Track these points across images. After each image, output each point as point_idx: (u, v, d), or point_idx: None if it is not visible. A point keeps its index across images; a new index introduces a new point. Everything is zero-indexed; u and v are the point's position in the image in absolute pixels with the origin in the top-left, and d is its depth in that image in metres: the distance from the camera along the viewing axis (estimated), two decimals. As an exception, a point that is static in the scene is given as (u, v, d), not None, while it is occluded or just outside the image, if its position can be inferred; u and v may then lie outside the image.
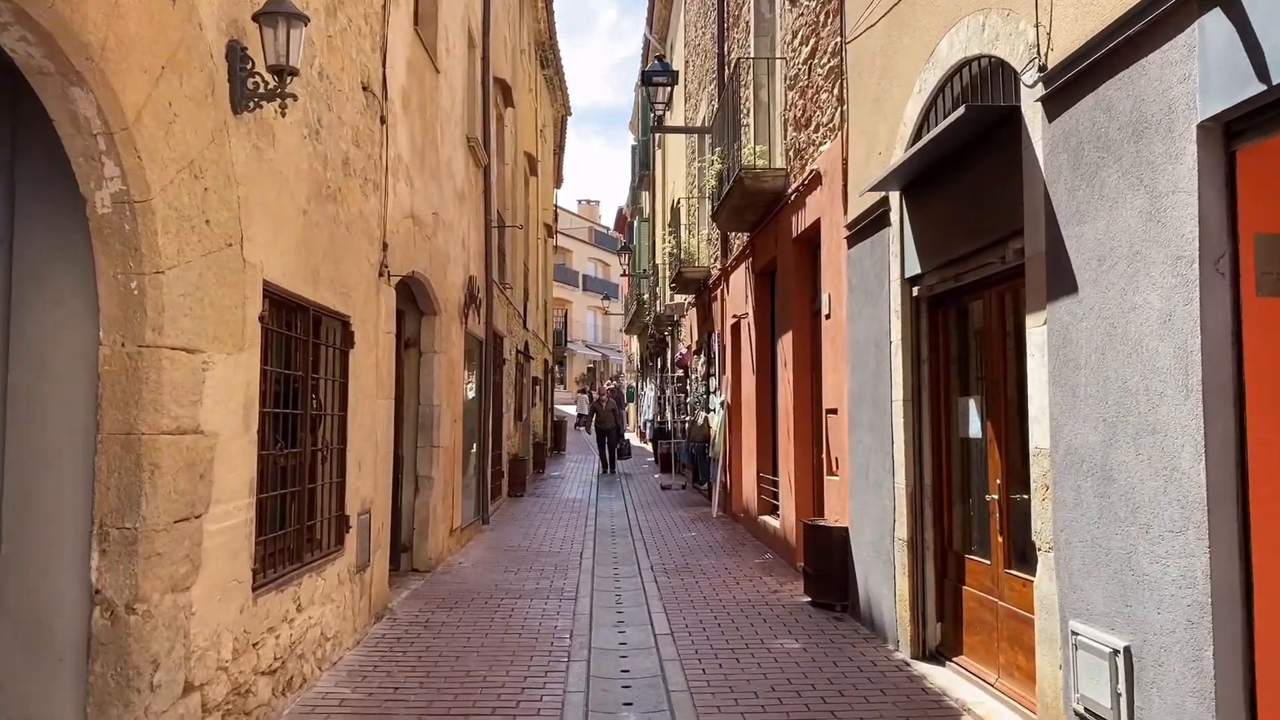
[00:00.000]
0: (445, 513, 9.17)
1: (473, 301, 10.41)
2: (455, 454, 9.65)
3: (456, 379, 9.70)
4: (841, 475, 7.23)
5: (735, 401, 12.35)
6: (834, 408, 7.45)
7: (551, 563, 9.20)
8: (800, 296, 8.86)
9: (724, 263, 12.79)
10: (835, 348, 7.41)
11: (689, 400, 16.84)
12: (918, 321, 5.91)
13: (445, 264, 9.09)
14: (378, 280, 6.65)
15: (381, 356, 6.78)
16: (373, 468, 6.57)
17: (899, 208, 5.96)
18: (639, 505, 14.23)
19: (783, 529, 9.29)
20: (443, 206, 9.01)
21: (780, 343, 9.47)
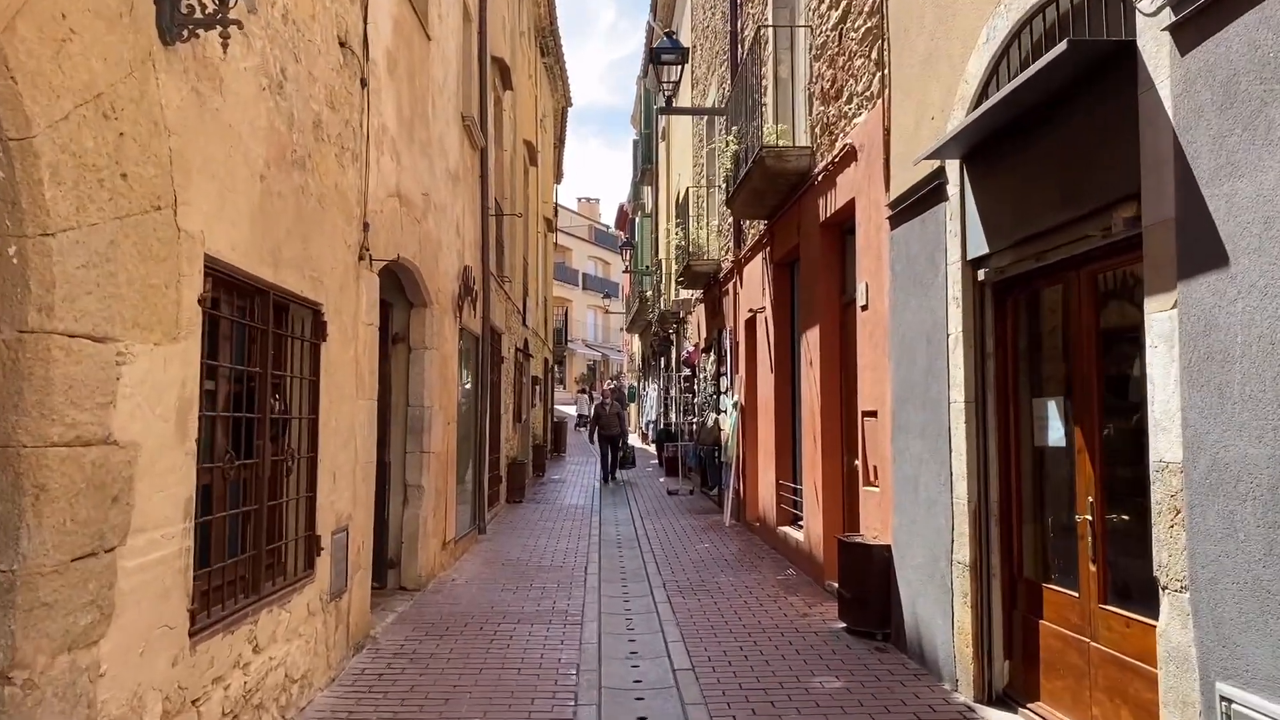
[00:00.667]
0: (437, 525, 8.35)
1: (468, 294, 9.59)
2: (449, 460, 8.83)
3: (450, 378, 8.88)
4: (882, 486, 6.41)
5: (750, 403, 11.54)
6: (873, 410, 6.63)
7: (554, 579, 8.38)
8: (828, 287, 8.04)
9: (737, 254, 11.98)
10: (874, 343, 6.59)
11: (697, 401, 16.03)
12: (981, 310, 5.09)
13: (437, 251, 8.27)
14: (357, 265, 5.83)
15: (362, 351, 5.96)
16: (351, 478, 5.75)
17: (959, 179, 5.14)
18: (645, 512, 13.41)
19: (807, 542, 8.47)
20: (434, 188, 8.18)
21: (804, 339, 8.66)
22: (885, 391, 6.33)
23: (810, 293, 8.41)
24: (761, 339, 10.60)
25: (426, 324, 8.08)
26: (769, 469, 10.18)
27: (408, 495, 7.98)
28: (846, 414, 7.88)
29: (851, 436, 7.70)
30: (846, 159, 7.22)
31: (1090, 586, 4.20)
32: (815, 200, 8.17)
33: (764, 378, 10.49)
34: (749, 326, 11.57)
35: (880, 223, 6.47)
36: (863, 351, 6.87)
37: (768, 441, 10.26)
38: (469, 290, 9.63)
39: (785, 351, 9.91)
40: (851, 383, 7.67)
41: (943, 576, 5.34)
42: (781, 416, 9.89)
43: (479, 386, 10.70)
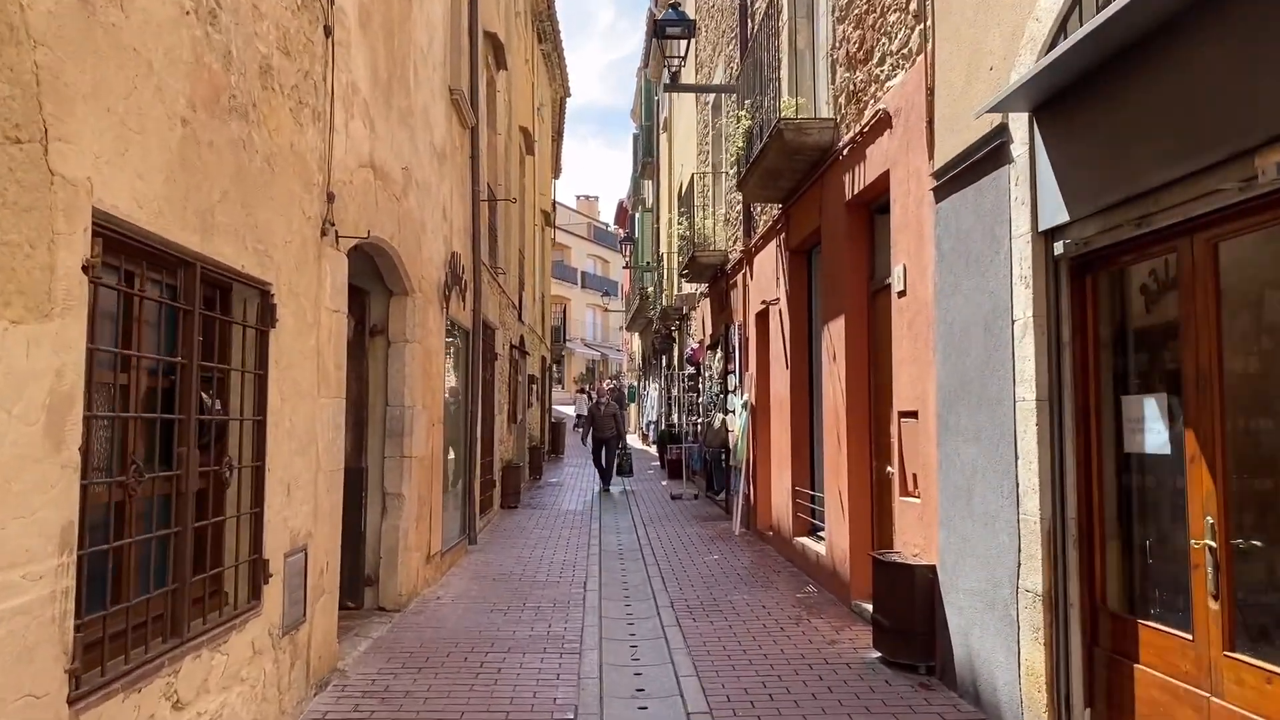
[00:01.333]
0: (420, 538, 7.54)
1: (456, 283, 8.78)
2: (434, 465, 8.01)
3: (435, 375, 8.07)
4: (925, 497, 5.60)
5: (762, 402, 10.72)
6: (911, 410, 5.82)
7: (549, 597, 7.57)
8: (855, 273, 7.23)
9: (747, 243, 11.16)
10: (914, 333, 5.78)
11: (702, 401, 15.22)
12: (1056, 291, 4.28)
13: (420, 233, 7.45)
14: (319, 241, 5.01)
15: (326, 342, 5.14)
16: (312, 490, 4.93)
17: (1028, 136, 4.33)
18: (648, 519, 12.60)
19: (830, 557, 7.66)
20: (417, 163, 7.37)
21: (825, 331, 7.85)
22: (928, 389, 5.52)
23: (833, 280, 7.60)
24: (775, 333, 9.78)
25: (408, 314, 7.26)
26: (784, 474, 9.37)
27: (386, 505, 7.16)
28: (876, 414, 7.07)
29: (882, 439, 6.89)
30: (879, 127, 6.41)
31: (1210, 628, 3.39)
32: (839, 177, 7.36)
33: (778, 375, 9.68)
34: (760, 320, 10.76)
35: (921, 195, 5.66)
36: (899, 344, 6.06)
37: (782, 444, 9.45)
38: (457, 279, 8.81)
39: (802, 346, 9.10)
40: (883, 379, 6.86)
41: (1005, 605, 4.53)
42: (798, 417, 9.08)
43: (469, 385, 9.88)
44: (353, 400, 7.13)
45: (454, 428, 9.56)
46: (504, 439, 13.73)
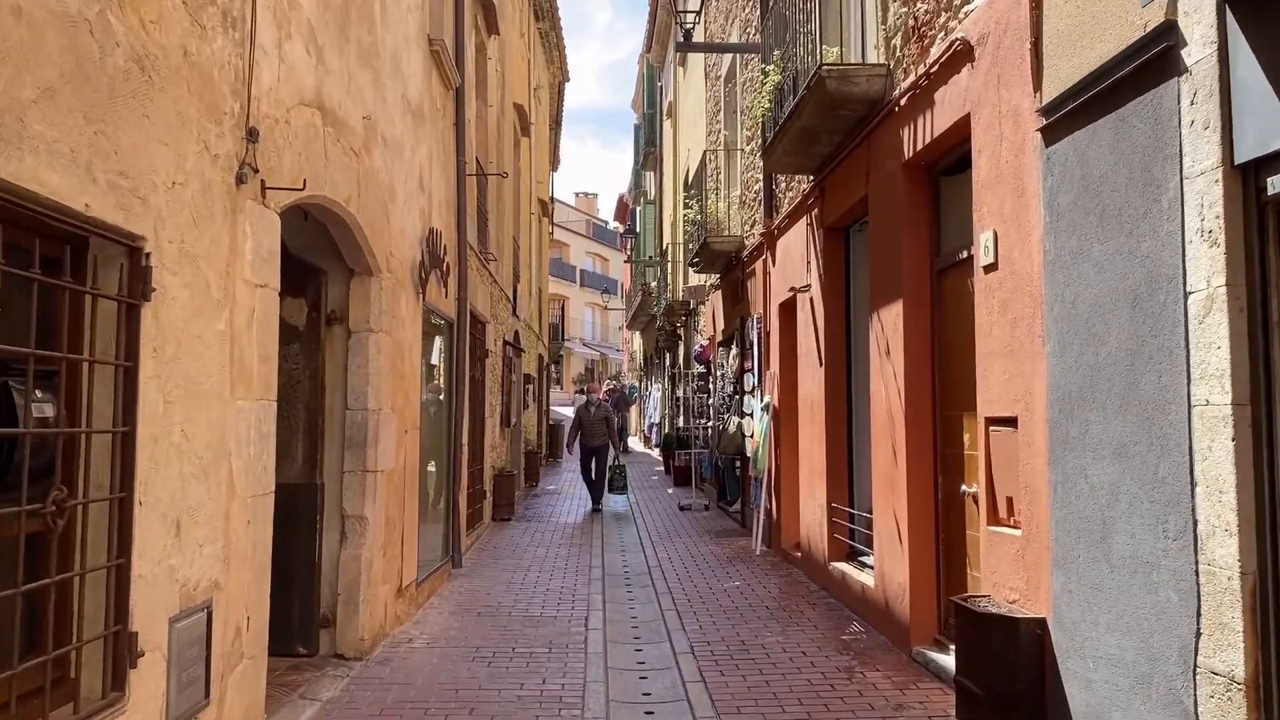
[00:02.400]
0: (390, 567, 6.27)
1: (436, 265, 7.51)
2: (407, 480, 6.74)
3: (409, 372, 6.80)
4: (1030, 529, 4.33)
5: (787, 404, 9.46)
6: (1007, 416, 4.55)
7: (544, 638, 6.30)
8: (915, 248, 5.96)
9: (769, 224, 9.90)
10: (1011, 317, 4.51)
11: (712, 403, 13.95)
12: (1263, 247, 3.02)
13: (388, 201, 6.18)
14: (233, 191, 3.74)
15: (245, 326, 3.87)
16: (221, 524, 3.66)
17: (1215, 30, 3.07)
18: (656, 533, 11.32)
19: (881, 591, 6.39)
20: (384, 117, 6.10)
21: (873, 321, 6.59)
22: (1034, 388, 4.26)
23: (886, 259, 6.33)
24: (805, 325, 8.52)
25: (372, 298, 5.99)
26: (817, 488, 8.10)
27: (346, 530, 5.89)
28: (940, 419, 5.80)
29: (951, 451, 5.63)
30: (954, 64, 5.14)
31: None
32: (894, 134, 6.10)
33: (809, 373, 8.41)
34: (785, 311, 9.49)
35: (1021, 141, 4.40)
36: (986, 331, 4.79)
37: (814, 454, 8.18)
38: (437, 261, 7.54)
39: (839, 339, 7.84)
40: (953, 376, 5.60)
41: (1171, 689, 3.27)
42: (834, 422, 7.81)
43: (454, 384, 8.61)
44: (304, 403, 5.88)
45: (435, 434, 8.28)
46: (496, 444, 12.46)
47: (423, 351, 7.54)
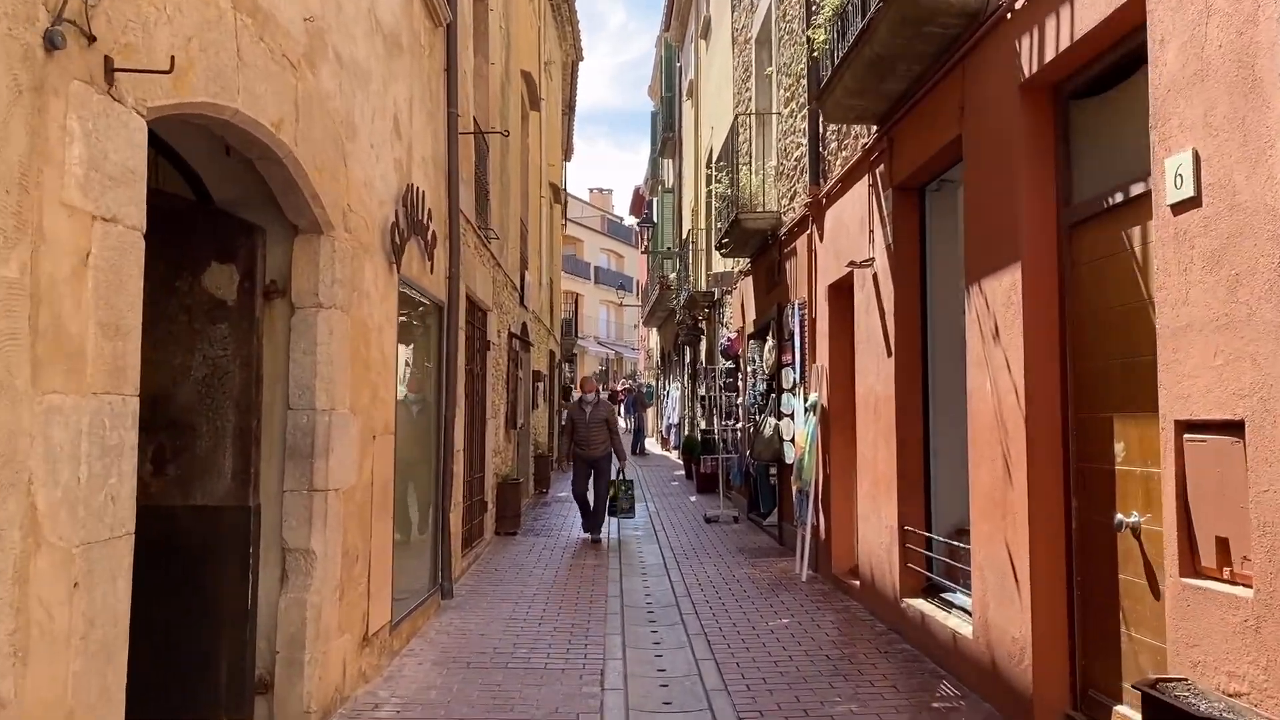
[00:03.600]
0: (348, 614, 4.87)
1: (418, 232, 6.11)
2: (377, 498, 5.33)
3: (380, 362, 5.40)
4: (1273, 588, 2.87)
5: (839, 402, 8.01)
6: (1223, 418, 3.09)
7: (548, 703, 4.89)
8: (1035, 197, 4.51)
9: (815, 192, 8.44)
10: (1228, 272, 3.05)
11: (742, 402, 12.50)
12: None
13: (344, 138, 4.78)
14: (40, 58, 2.34)
15: (62, 276, 2.47)
16: (8, 591, 2.25)
17: None
18: (681, 550, 9.90)
19: (982, 642, 4.94)
20: (340, 27, 4.70)
21: (972, 296, 5.14)
22: (1277, 377, 2.81)
23: (991, 215, 4.88)
24: (865, 307, 7.06)
25: (323, 264, 4.59)
26: (883, 504, 6.64)
27: (288, 568, 4.50)
28: (1079, 424, 4.35)
29: (1093, 465, 4.17)
30: (1113, -73, 3.69)
31: None
32: (1003, 50, 4.65)
33: (871, 364, 6.95)
34: (837, 293, 8.05)
35: (1251, 9, 2.94)
36: (1178, 297, 3.32)
37: (880, 462, 6.73)
38: (419, 227, 6.14)
39: (913, 321, 6.39)
40: (1094, 365, 4.14)
41: None
42: (907, 424, 6.36)
43: (444, 379, 7.20)
44: (234, 400, 4.49)
45: (419, 440, 6.90)
46: (500, 448, 11.06)
47: (403, 339, 6.15)
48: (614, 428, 10.76)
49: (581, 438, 10.60)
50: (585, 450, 10.60)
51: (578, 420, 10.73)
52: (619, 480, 10.72)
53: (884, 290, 6.62)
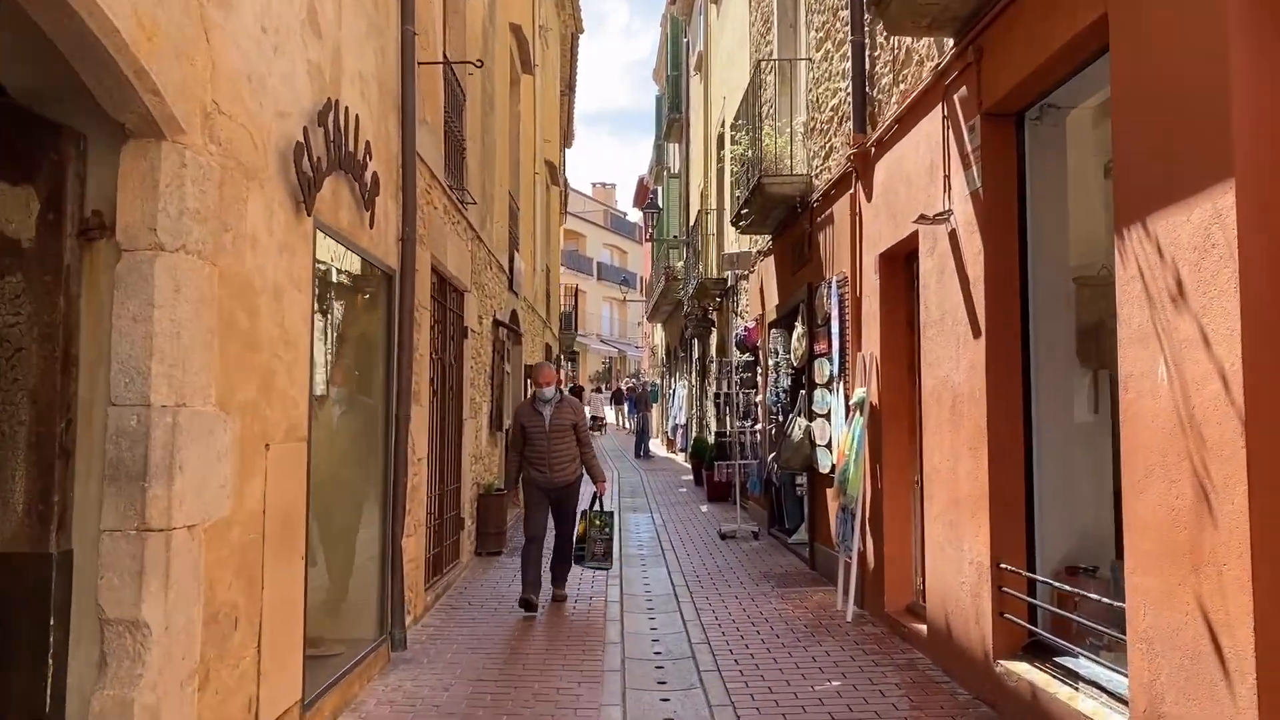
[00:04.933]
0: (217, 709, 3.30)
1: (349, 170, 4.55)
2: (274, 535, 3.75)
3: (277, 339, 3.82)
4: None
5: (895, 401, 6.47)
6: None
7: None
8: (1254, 81, 2.94)
9: (862, 140, 6.86)
10: None
11: (761, 399, 10.91)
12: None
13: (209, 4, 3.20)
14: None
15: None
16: None
17: None
18: (694, 575, 8.32)
19: (1151, 749, 3.36)
20: None
21: (1129, 241, 3.56)
22: None
23: (1170, 117, 3.30)
24: (936, 276, 5.48)
25: (165, 185, 3.01)
26: (965, 531, 5.06)
27: (106, 649, 2.93)
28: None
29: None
30: None
31: None
32: None
33: (946, 350, 5.37)
34: (890, 264, 6.49)
35: None
36: None
37: (961, 477, 5.14)
38: (349, 163, 4.57)
39: (1009, 291, 4.81)
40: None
41: None
42: (1002, 428, 4.77)
43: (393, 369, 5.62)
44: (29, 390, 2.97)
45: (357, 447, 5.33)
46: (482, 453, 9.49)
47: (327, 312, 4.59)
48: (585, 437, 7.22)
49: (538, 453, 6.99)
50: (544, 472, 6.99)
51: (531, 428, 7.05)
52: (594, 512, 7.35)
53: (967, 251, 5.04)
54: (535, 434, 7.05)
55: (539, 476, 7.04)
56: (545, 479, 7.03)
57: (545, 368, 7.40)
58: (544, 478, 7.03)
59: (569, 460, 7.10)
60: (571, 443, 7.11)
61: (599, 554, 7.32)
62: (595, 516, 7.37)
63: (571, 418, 7.15)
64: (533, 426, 7.08)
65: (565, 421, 7.09)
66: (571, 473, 7.13)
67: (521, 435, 7.16)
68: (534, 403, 7.23)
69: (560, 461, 7.03)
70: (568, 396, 7.46)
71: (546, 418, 7.06)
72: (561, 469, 7.04)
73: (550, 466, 7.01)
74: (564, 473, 7.07)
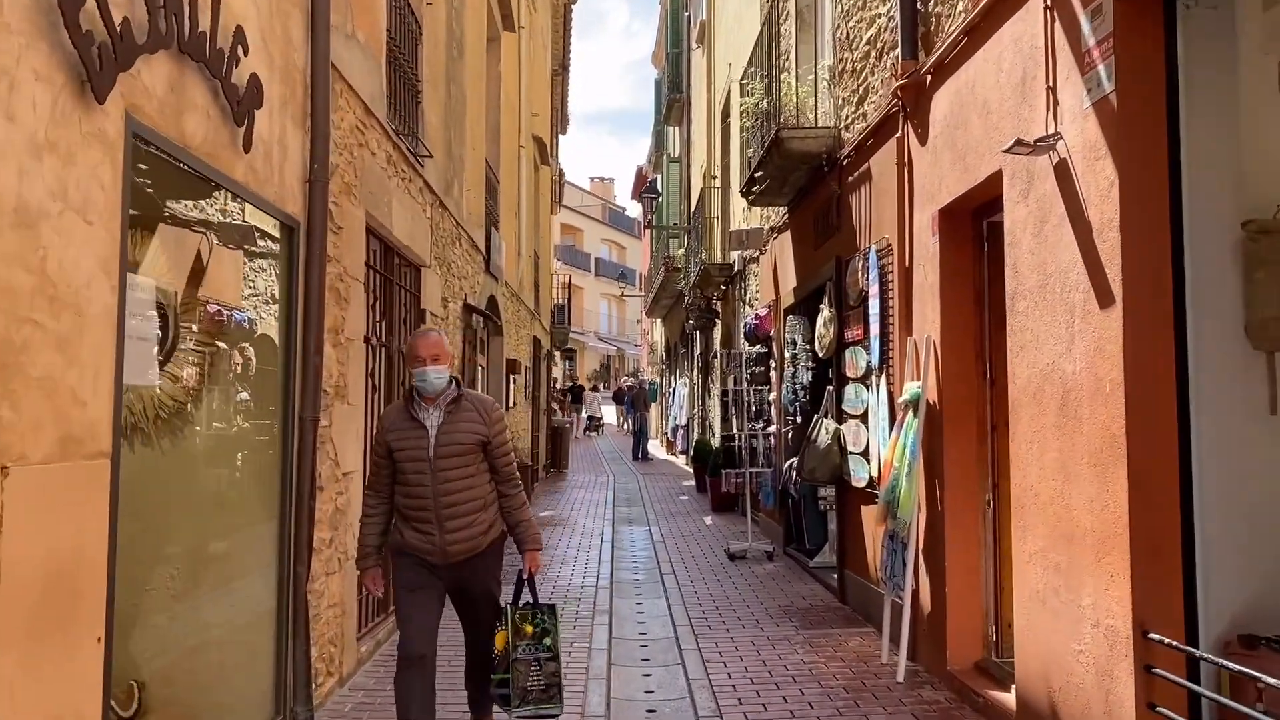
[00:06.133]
0: None
1: (204, 61, 3.09)
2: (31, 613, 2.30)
3: (36, 289, 2.38)
4: None
5: (962, 396, 5.04)
6: None
7: None
8: None
9: (915, 66, 5.41)
10: None
11: (775, 398, 9.45)
12: None
13: None
14: None
15: None
16: None
17: None
18: (698, 608, 6.87)
19: None
20: None
21: None
22: None
23: None
24: (1035, 227, 4.03)
25: None
26: (1089, 580, 3.60)
27: None
28: None
29: None
30: None
31: None
32: None
33: (1054, 328, 3.91)
34: (954, 221, 5.06)
35: None
36: None
37: (1076, 503, 3.68)
38: (196, 45, 3.11)
39: (1158, 241, 3.36)
40: None
41: None
42: (1151, 436, 3.32)
43: (292, 356, 4.16)
44: None
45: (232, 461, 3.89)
46: (448, 462, 8.02)
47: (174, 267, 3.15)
48: (506, 466, 4.00)
49: (416, 500, 3.81)
50: (429, 535, 3.79)
51: (404, 451, 3.81)
52: (523, 610, 4.00)
53: (1088, 187, 3.59)
54: (412, 462, 3.76)
55: (421, 543, 3.77)
56: (432, 547, 3.75)
57: (426, 336, 3.89)
58: (430, 544, 3.75)
59: (475, 511, 3.81)
60: (478, 479, 3.84)
61: (533, 690, 3.88)
62: (526, 616, 3.96)
63: (477, 431, 3.81)
64: (406, 448, 3.77)
65: (466, 438, 3.79)
66: (480, 534, 3.83)
67: (387, 465, 3.84)
68: (409, 405, 3.84)
69: (459, 515, 3.76)
70: (472, 393, 3.98)
71: (431, 431, 3.76)
72: (462, 528, 3.77)
73: (441, 524, 3.74)
74: (466, 534, 3.78)
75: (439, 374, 3.79)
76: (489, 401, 4.01)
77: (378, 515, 3.89)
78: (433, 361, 3.77)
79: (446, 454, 3.75)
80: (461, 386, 3.94)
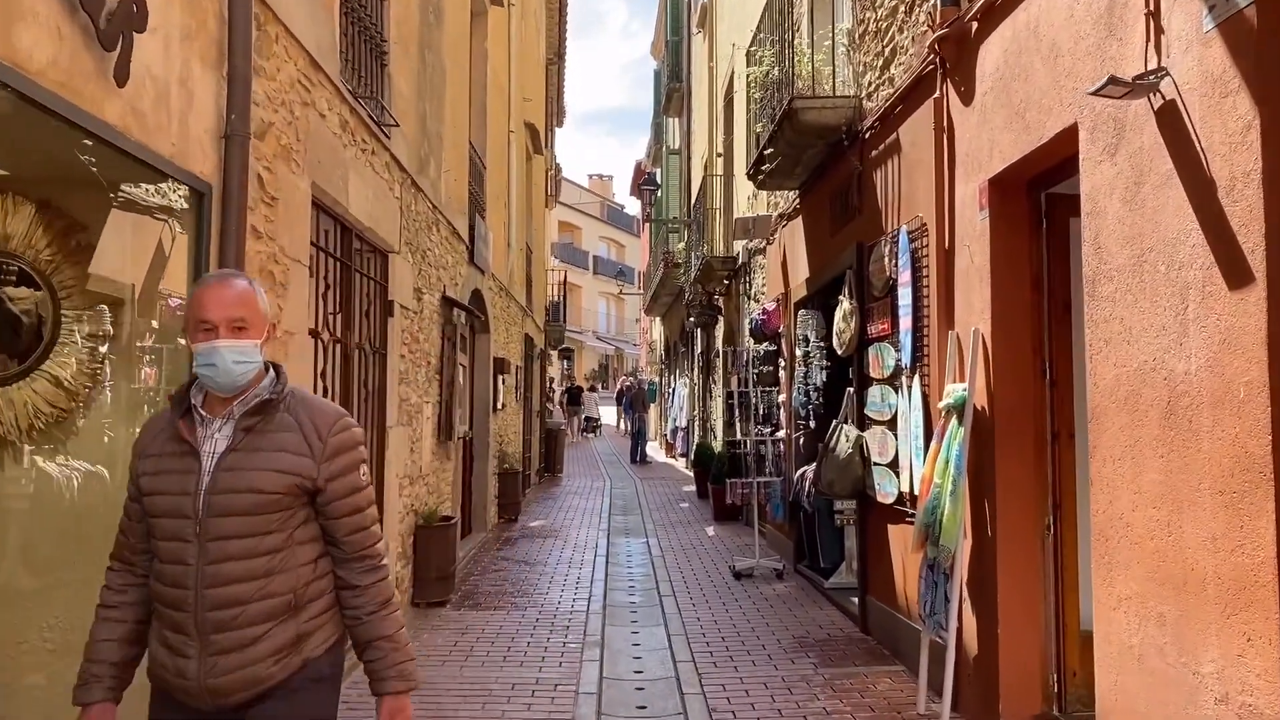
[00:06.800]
0: None
1: None
2: None
3: None
4: None
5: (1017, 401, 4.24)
6: None
7: None
8: None
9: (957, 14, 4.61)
10: None
11: (785, 400, 8.64)
12: None
13: None
14: None
15: None
16: None
17: None
18: (702, 640, 6.07)
19: None
20: None
21: None
22: None
23: None
24: (1129, 191, 3.23)
25: None
26: (1215, 642, 2.81)
27: None
28: None
29: None
30: None
31: None
32: None
33: (1149, 319, 3.11)
34: (1007, 193, 4.26)
35: None
36: None
37: (1192, 542, 2.88)
38: None
39: (1319, 200, 2.56)
40: None
41: None
42: (1303, 457, 2.52)
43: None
44: None
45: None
46: (424, 472, 7.22)
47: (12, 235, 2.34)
48: (355, 537, 2.15)
49: (164, 585, 2.03)
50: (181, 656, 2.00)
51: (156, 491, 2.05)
52: None
53: (1209, 134, 2.79)
54: (168, 518, 2.04)
55: (173, 669, 2.03)
56: (187, 680, 2.01)
57: (222, 284, 2.11)
58: (184, 673, 2.02)
59: (269, 618, 2.02)
60: (286, 557, 2.07)
61: None
62: None
63: (294, 468, 2.07)
64: (161, 491, 2.06)
65: (268, 481, 2.04)
66: (275, 658, 2.03)
67: (141, 519, 2.11)
68: (177, 408, 2.12)
69: (237, 623, 2.00)
70: (305, 396, 2.21)
71: (206, 464, 2.04)
72: (236, 646, 2.00)
73: (203, 637, 2.00)
74: (245, 658, 2.01)
75: (241, 355, 2.04)
76: (331, 413, 2.18)
77: (120, 608, 2.13)
78: (230, 330, 2.03)
79: (225, 508, 2.00)
80: (283, 381, 2.16)
